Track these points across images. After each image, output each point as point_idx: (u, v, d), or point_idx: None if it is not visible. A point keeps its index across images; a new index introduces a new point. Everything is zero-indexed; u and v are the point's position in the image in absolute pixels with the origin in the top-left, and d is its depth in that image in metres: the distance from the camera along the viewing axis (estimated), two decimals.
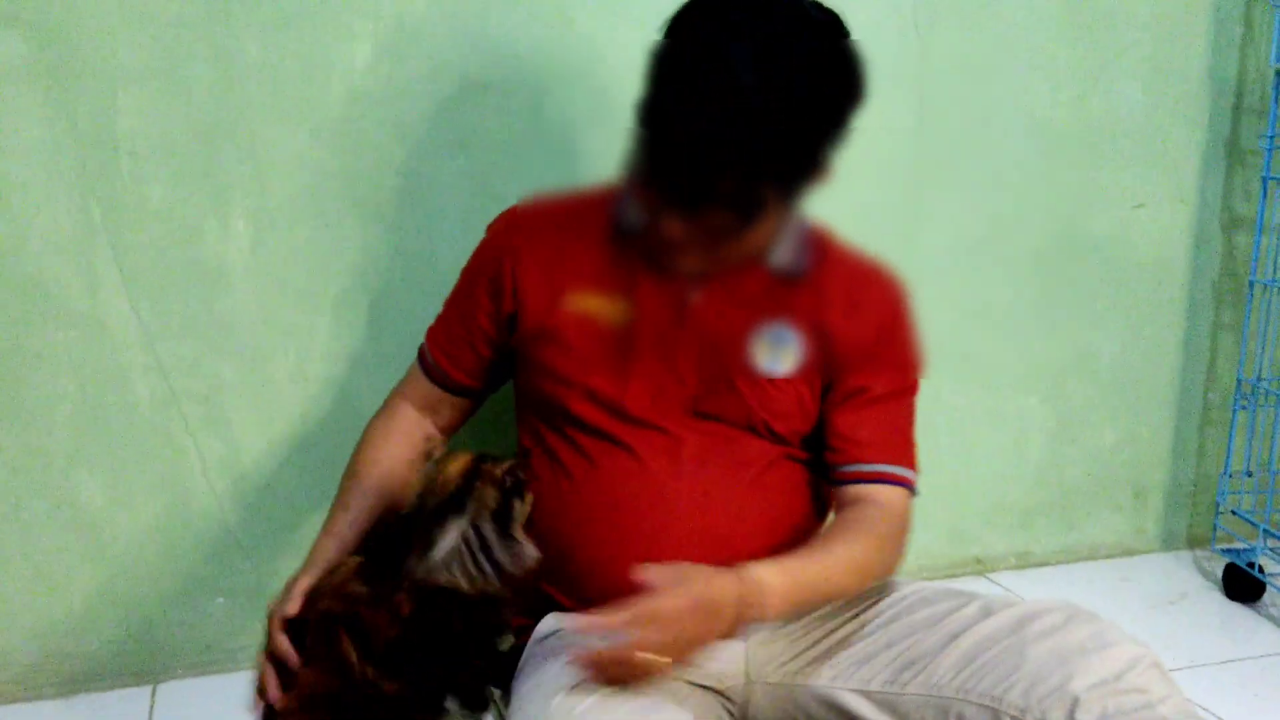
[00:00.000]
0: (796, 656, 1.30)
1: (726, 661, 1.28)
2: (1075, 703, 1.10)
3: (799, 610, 1.23)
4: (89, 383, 1.58)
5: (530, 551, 1.20)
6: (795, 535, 1.31)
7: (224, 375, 1.63)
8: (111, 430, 1.61)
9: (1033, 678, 1.14)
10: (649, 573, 1.08)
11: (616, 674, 1.10)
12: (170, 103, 1.52)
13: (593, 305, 1.30)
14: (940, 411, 1.99)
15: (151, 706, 1.64)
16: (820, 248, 1.34)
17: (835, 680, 1.26)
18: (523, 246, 1.34)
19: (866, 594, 1.32)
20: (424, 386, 1.44)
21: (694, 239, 1.20)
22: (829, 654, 1.29)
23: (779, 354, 1.29)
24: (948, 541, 2.09)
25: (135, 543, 1.66)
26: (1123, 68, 1.95)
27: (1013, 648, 1.17)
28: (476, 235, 1.42)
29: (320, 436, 1.69)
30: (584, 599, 1.26)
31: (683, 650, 1.11)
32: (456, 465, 1.20)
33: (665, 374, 1.29)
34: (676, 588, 1.08)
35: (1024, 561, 2.14)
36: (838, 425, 1.33)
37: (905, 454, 1.36)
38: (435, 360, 1.41)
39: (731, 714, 1.31)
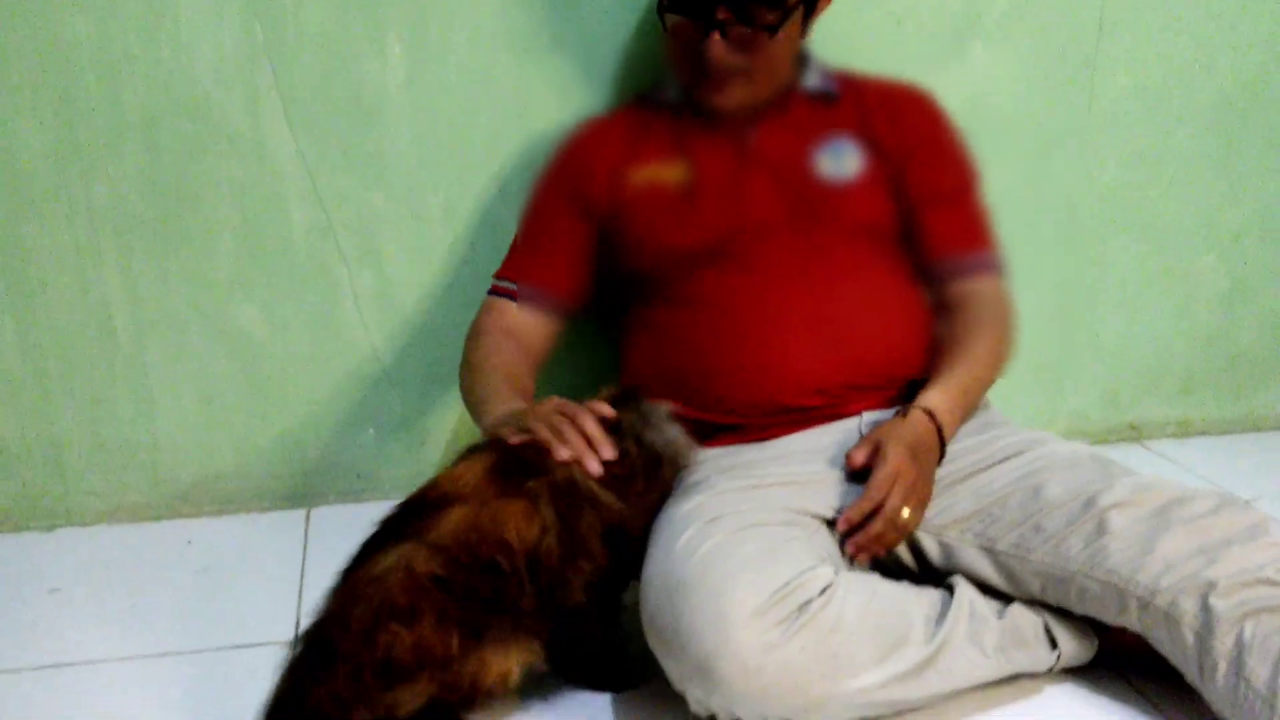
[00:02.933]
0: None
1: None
2: (1210, 587, 1.13)
3: (967, 416, 1.44)
4: (250, 210, 1.68)
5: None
6: (903, 314, 1.48)
7: (377, 207, 1.72)
8: (270, 258, 1.72)
9: (1168, 561, 1.17)
10: (857, 455, 1.33)
11: (889, 539, 1.31)
12: None
13: (656, 173, 1.51)
14: (1105, 267, 1.99)
15: (306, 529, 1.79)
16: (846, 77, 1.56)
17: (963, 535, 1.33)
18: (588, 149, 1.56)
19: (1009, 446, 1.39)
20: (504, 314, 1.55)
21: (733, 56, 1.41)
22: (959, 503, 1.35)
23: (840, 160, 1.49)
24: (1102, 405, 2.10)
25: (291, 371, 1.78)
26: None
27: (1154, 530, 1.20)
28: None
29: (468, 273, 1.77)
30: (729, 409, 1.44)
31: (923, 494, 1.32)
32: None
33: (743, 208, 1.47)
34: (888, 447, 1.30)
35: (1184, 430, 2.14)
36: (923, 229, 1.51)
37: (989, 239, 1.55)
38: (518, 281, 1.55)
39: None
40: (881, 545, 1.31)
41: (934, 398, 1.38)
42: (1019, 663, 1.27)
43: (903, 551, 1.37)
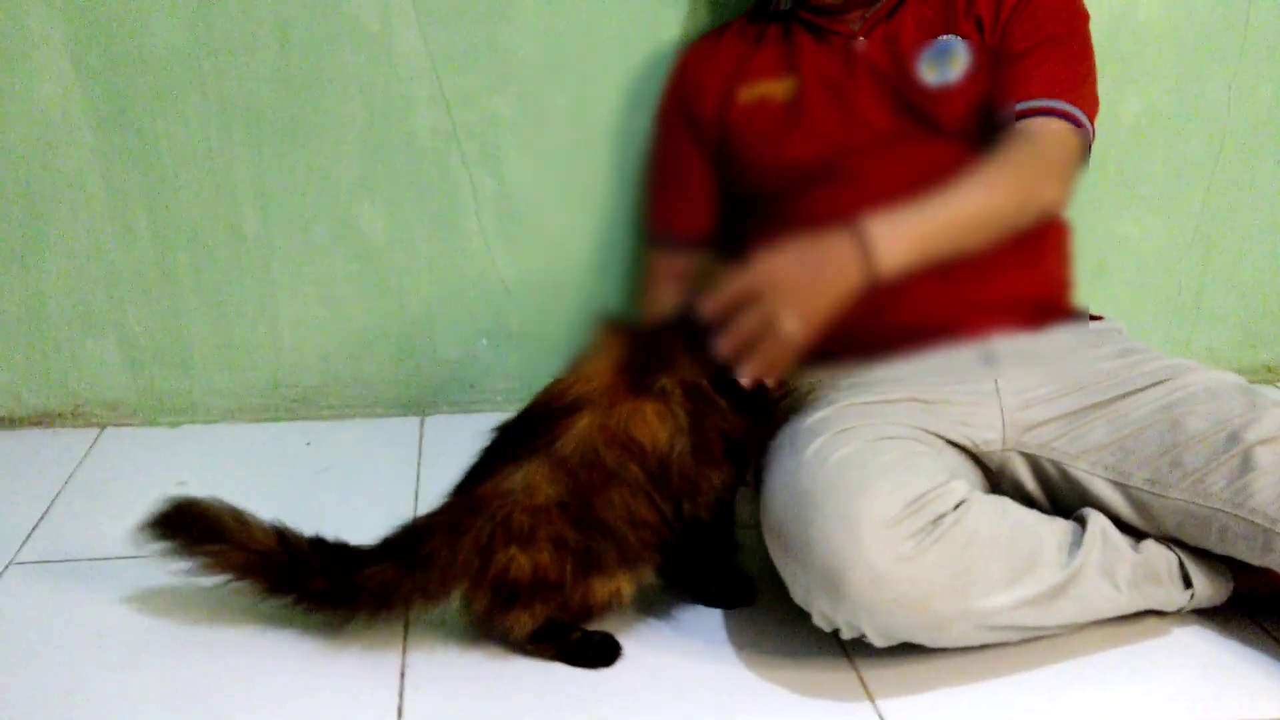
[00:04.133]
0: (1055, 426, 1.33)
1: (982, 425, 1.33)
2: None
3: (928, 249, 1.22)
4: (376, 110, 1.69)
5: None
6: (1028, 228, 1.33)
7: (501, 110, 1.71)
8: (394, 159, 1.72)
9: None
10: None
11: (770, 352, 1.15)
12: None
13: (764, 89, 1.45)
14: (1251, 194, 1.91)
15: (421, 437, 1.81)
16: None
17: (1093, 466, 1.29)
18: (695, 73, 1.54)
19: (1149, 373, 1.33)
20: (663, 263, 1.60)
21: None
22: (1092, 433, 1.30)
23: (950, 62, 1.41)
24: (1237, 343, 2.03)
25: (409, 276, 1.80)
26: None
27: None
28: None
29: (591, 182, 1.76)
30: (849, 331, 1.27)
31: (809, 306, 1.15)
32: None
33: (853, 122, 1.42)
34: (781, 249, 1.17)
35: None
36: (997, 82, 1.40)
37: (1067, 88, 1.38)
38: (666, 228, 1.60)
39: (987, 477, 1.36)
40: (762, 362, 1.15)
41: (876, 220, 1.19)
42: (1151, 599, 1.25)
43: (1028, 482, 1.34)
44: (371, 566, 1.20)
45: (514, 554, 1.17)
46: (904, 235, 1.20)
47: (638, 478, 1.19)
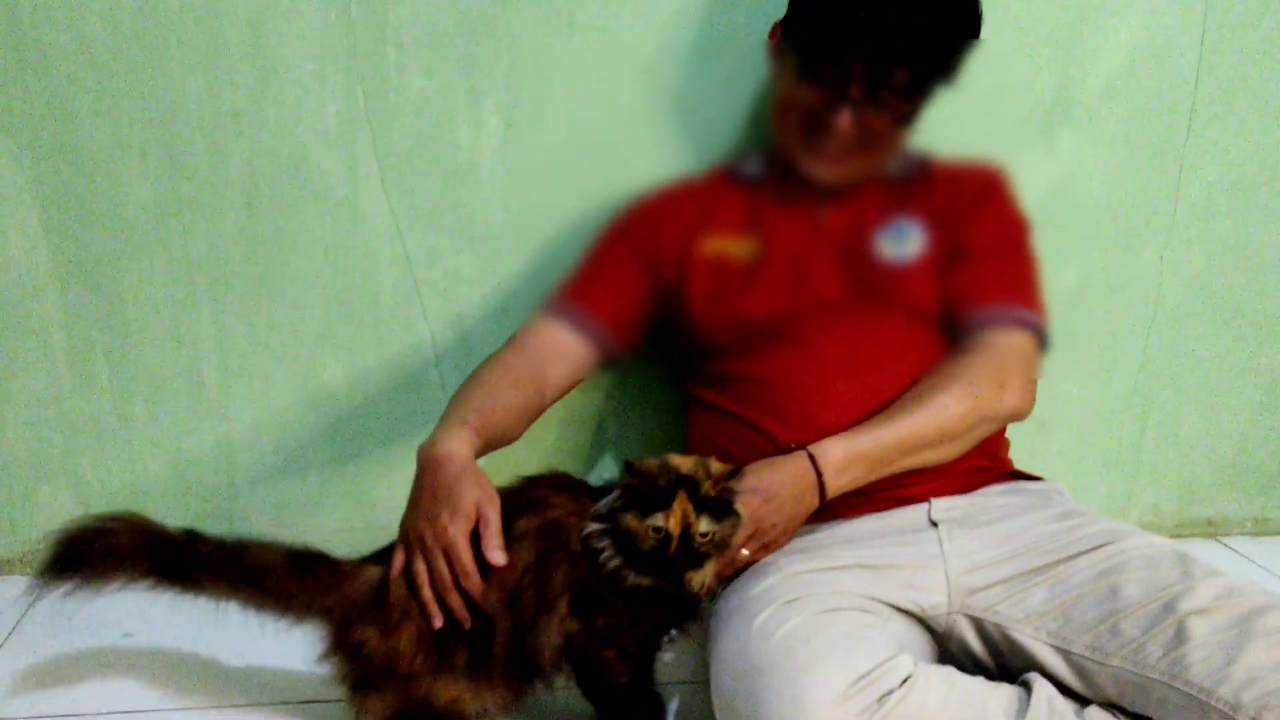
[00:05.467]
0: (999, 590, 1.36)
1: (928, 589, 1.36)
2: None
3: (875, 472, 1.39)
4: (340, 268, 1.73)
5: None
6: None
7: (463, 270, 1.75)
8: (356, 314, 1.76)
9: (1250, 674, 1.14)
10: None
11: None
12: None
13: (725, 246, 1.50)
14: (1187, 358, 1.99)
15: None
16: (924, 158, 1.54)
17: (1036, 632, 1.31)
18: (660, 215, 1.57)
19: (1087, 538, 1.36)
20: (537, 331, 1.55)
21: (855, 133, 1.41)
22: (1033, 598, 1.33)
23: (903, 243, 1.48)
24: (1177, 499, 2.08)
25: (368, 428, 1.82)
26: None
27: (1236, 640, 1.17)
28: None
29: None
30: None
31: (771, 539, 1.37)
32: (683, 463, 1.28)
33: (806, 286, 1.48)
34: (764, 494, 1.33)
35: (1261, 528, 2.12)
36: (951, 287, 1.48)
37: (1020, 294, 1.48)
38: (573, 303, 1.55)
39: (936, 641, 1.39)
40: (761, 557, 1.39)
41: (833, 446, 1.37)
42: None
43: (975, 645, 1.37)
44: (258, 547, 1.31)
45: (370, 634, 1.25)
46: (856, 468, 1.37)
47: (490, 612, 1.25)
